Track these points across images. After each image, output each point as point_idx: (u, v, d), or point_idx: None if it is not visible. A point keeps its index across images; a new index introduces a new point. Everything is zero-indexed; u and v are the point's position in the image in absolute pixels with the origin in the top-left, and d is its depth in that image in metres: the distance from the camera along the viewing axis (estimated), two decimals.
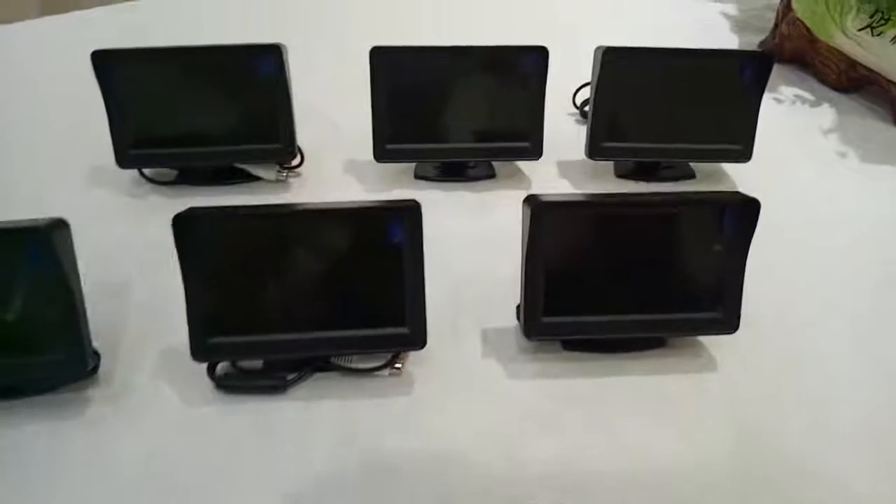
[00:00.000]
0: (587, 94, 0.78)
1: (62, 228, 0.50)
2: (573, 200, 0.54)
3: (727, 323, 0.57)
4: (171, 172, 0.78)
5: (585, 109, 0.86)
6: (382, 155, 0.75)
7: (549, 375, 0.57)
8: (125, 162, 0.73)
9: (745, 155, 0.77)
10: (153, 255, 0.56)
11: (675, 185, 0.80)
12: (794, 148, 0.89)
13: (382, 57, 0.71)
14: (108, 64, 0.69)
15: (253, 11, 1.24)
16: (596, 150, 0.76)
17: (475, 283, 0.65)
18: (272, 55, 0.70)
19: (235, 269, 0.53)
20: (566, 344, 0.59)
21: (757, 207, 0.54)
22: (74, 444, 0.51)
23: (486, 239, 0.70)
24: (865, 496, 0.49)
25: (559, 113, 0.91)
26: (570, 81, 0.90)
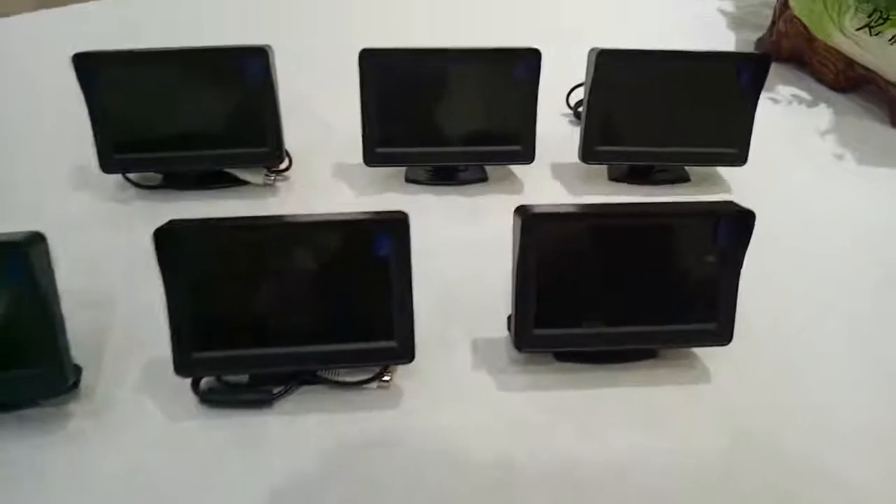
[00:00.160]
0: (581, 94, 0.77)
1: (39, 243, 0.48)
2: (564, 211, 0.53)
3: (721, 335, 0.56)
4: (156, 176, 0.76)
5: (579, 110, 0.85)
6: (372, 159, 0.74)
7: (540, 387, 0.56)
8: (109, 167, 0.71)
9: (740, 159, 0.76)
10: (137, 262, 0.54)
11: (669, 188, 0.79)
12: (790, 150, 0.88)
13: (372, 59, 0.69)
14: (89, 67, 0.67)
15: (249, 4, 1.21)
16: (589, 153, 0.75)
17: (466, 290, 0.64)
18: (258, 58, 0.68)
19: (219, 282, 0.52)
20: (558, 355, 0.58)
21: (752, 219, 0.53)
22: (55, 459, 0.50)
23: (477, 244, 0.69)
24: None
25: (553, 113, 0.90)
26: (566, 82, 0.88)
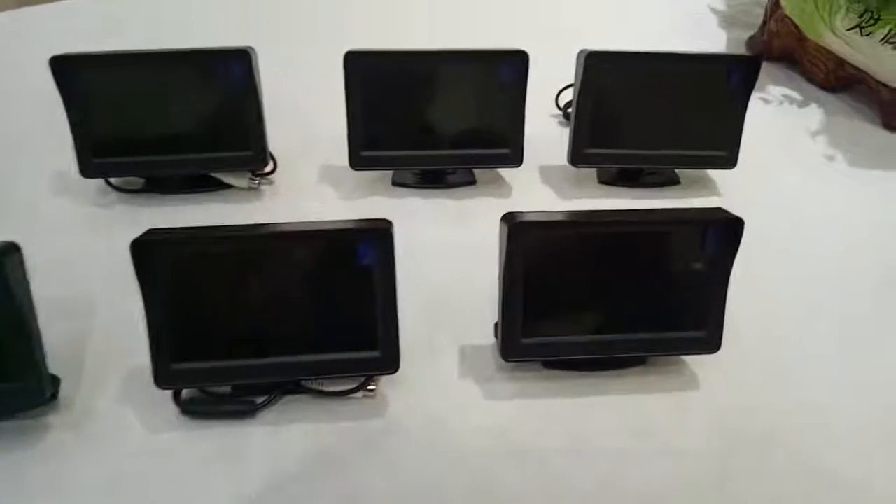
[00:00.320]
0: (570, 95, 0.76)
1: (13, 253, 0.47)
2: (551, 219, 0.52)
3: (710, 342, 0.56)
4: (138, 180, 0.75)
5: (569, 111, 0.84)
6: (358, 162, 0.73)
7: (527, 395, 0.56)
8: (89, 171, 0.70)
9: (730, 161, 0.76)
10: (119, 269, 0.53)
11: (659, 191, 0.79)
12: (780, 151, 0.87)
13: (357, 61, 0.68)
14: (67, 69, 0.65)
15: (236, 4, 1.19)
16: (578, 156, 0.74)
17: (454, 294, 0.64)
18: (241, 60, 0.67)
19: (199, 293, 0.51)
20: (546, 362, 0.57)
21: (740, 226, 0.52)
22: (34, 473, 0.49)
23: (465, 248, 0.68)
24: None
25: (542, 115, 0.89)
26: (557, 82, 0.87)
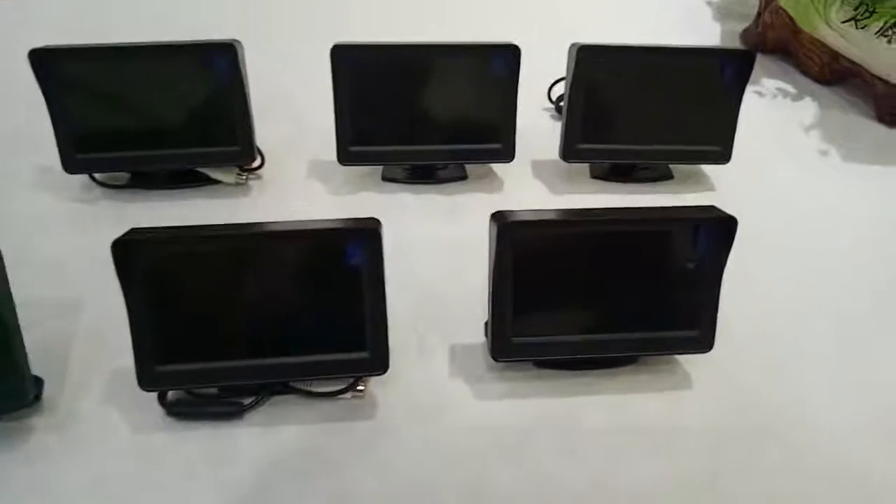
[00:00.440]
0: (562, 88, 0.75)
1: None
2: (541, 218, 0.52)
3: (702, 341, 0.55)
4: (123, 175, 0.73)
5: (561, 105, 0.83)
6: (346, 158, 0.71)
7: (518, 395, 0.55)
8: (72, 167, 0.68)
9: (724, 156, 0.75)
10: (103, 267, 0.52)
11: (652, 186, 0.78)
12: (774, 145, 0.86)
13: (344, 55, 0.67)
14: (47, 63, 0.64)
15: None
16: (570, 152, 0.73)
17: (444, 292, 0.63)
18: (226, 53, 0.65)
19: (183, 294, 0.50)
20: (537, 361, 0.57)
21: (734, 225, 0.51)
22: (17, 474, 0.48)
23: (456, 244, 0.67)
24: None
25: (534, 108, 0.88)
26: (550, 74, 0.86)
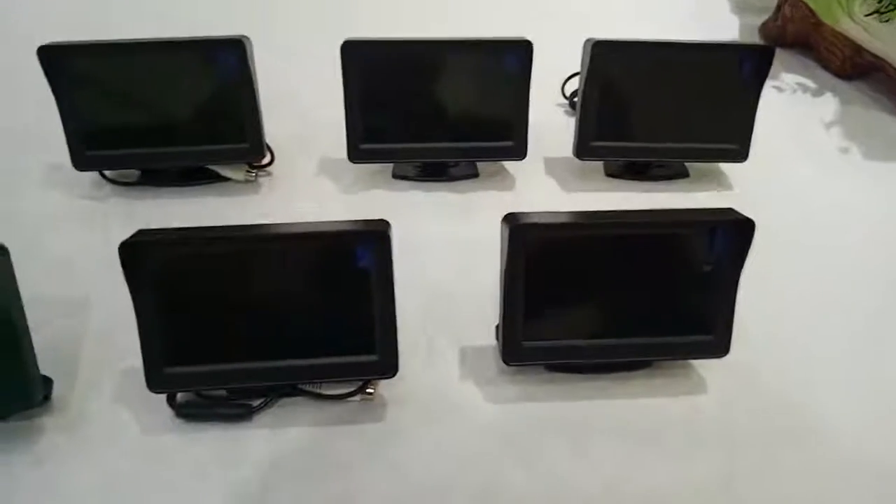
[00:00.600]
0: (577, 83, 0.74)
1: (1, 255, 0.46)
2: (554, 221, 0.51)
3: (718, 346, 0.54)
4: (133, 172, 0.73)
5: (575, 100, 0.81)
6: (357, 156, 0.71)
7: (530, 398, 0.54)
8: (81, 164, 0.68)
9: (741, 155, 0.73)
10: (113, 265, 0.52)
11: (667, 184, 0.77)
12: (793, 143, 0.85)
13: (355, 51, 0.66)
14: (57, 60, 0.63)
15: None
16: (584, 149, 0.72)
17: (454, 292, 0.62)
18: (235, 49, 0.64)
19: (191, 296, 0.50)
20: (549, 365, 0.56)
21: (751, 229, 0.50)
22: (27, 475, 0.48)
23: (467, 243, 0.66)
24: None
25: (547, 103, 0.86)
26: (564, 70, 0.84)
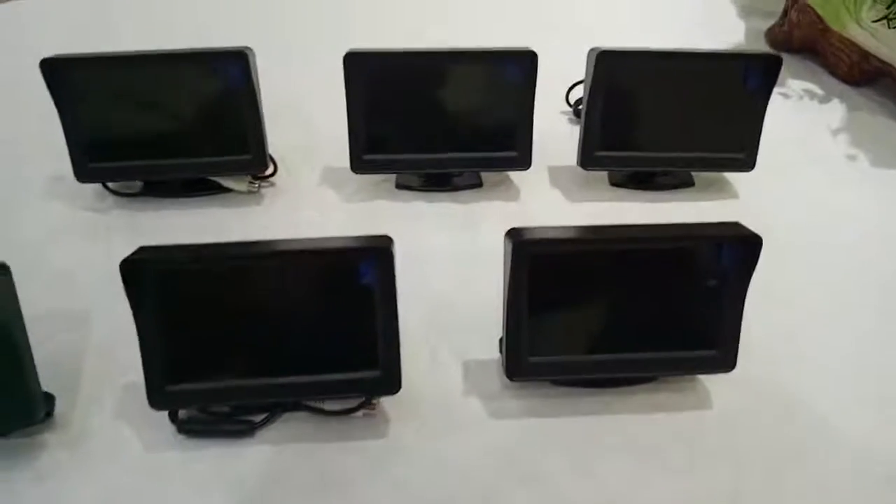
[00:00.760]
0: (581, 91, 0.73)
1: (2, 274, 0.46)
2: (558, 236, 0.50)
3: (724, 361, 0.53)
4: (135, 183, 0.73)
5: (579, 108, 0.81)
6: (359, 167, 0.70)
7: (534, 414, 0.54)
8: (84, 176, 0.68)
9: (747, 164, 0.73)
10: (115, 278, 0.52)
11: (672, 193, 0.76)
12: (800, 150, 0.84)
13: (358, 62, 0.66)
14: (60, 72, 0.63)
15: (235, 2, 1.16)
16: (589, 159, 0.71)
17: (457, 303, 0.62)
18: (238, 61, 0.64)
19: (193, 313, 0.49)
20: (553, 379, 0.55)
21: (758, 244, 0.49)
22: (29, 491, 0.48)
23: (471, 254, 0.66)
24: None
25: (552, 111, 0.86)
26: (568, 78, 0.84)
